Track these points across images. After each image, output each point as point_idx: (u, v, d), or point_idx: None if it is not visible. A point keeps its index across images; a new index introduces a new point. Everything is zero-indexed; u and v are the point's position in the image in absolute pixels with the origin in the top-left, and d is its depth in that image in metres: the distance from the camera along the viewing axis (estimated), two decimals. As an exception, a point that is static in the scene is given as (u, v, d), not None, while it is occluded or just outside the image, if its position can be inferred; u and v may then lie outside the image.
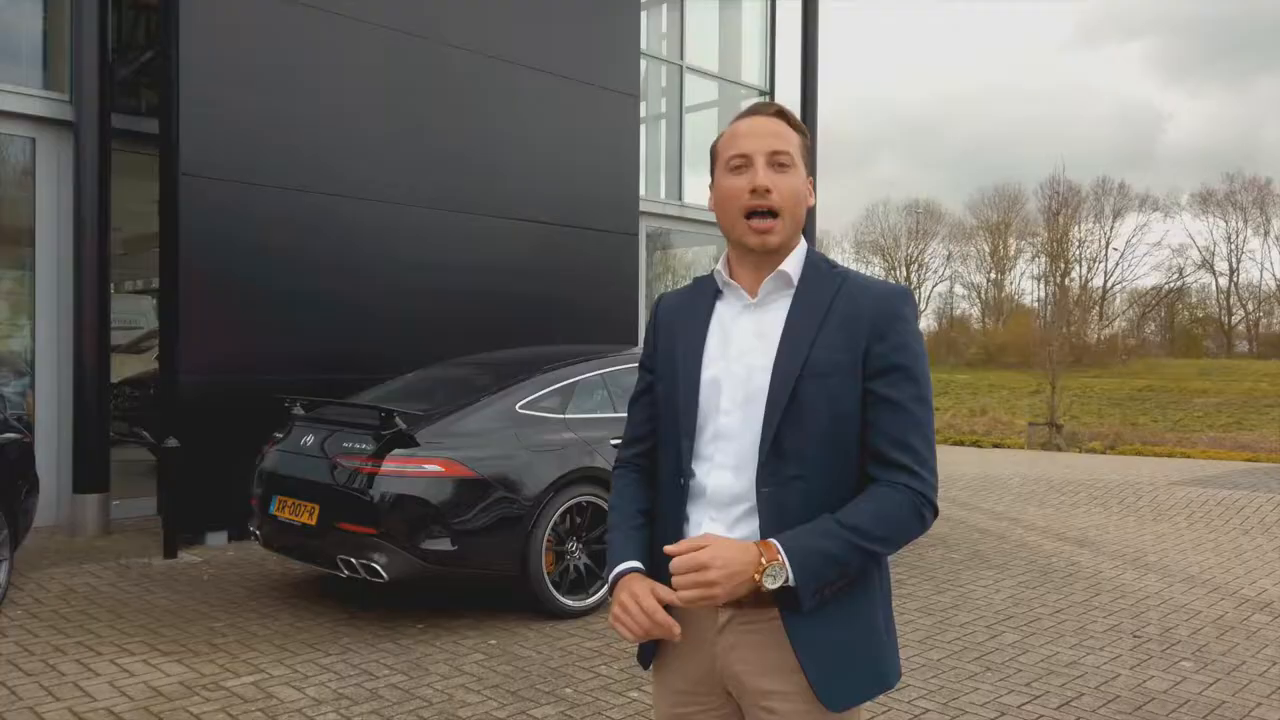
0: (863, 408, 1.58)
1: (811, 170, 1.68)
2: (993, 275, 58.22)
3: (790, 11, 12.51)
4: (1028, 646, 4.79)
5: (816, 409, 1.56)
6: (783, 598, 1.53)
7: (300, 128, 7.23)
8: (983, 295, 58.64)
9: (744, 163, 1.60)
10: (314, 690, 4.06)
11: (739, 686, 1.62)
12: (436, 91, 8.00)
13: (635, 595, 1.56)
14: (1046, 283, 37.62)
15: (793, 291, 1.63)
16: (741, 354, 1.62)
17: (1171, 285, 55.76)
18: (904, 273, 60.22)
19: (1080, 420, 25.84)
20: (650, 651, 1.70)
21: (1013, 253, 56.86)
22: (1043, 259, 38.75)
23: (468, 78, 8.17)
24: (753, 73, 12.90)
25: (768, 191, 1.57)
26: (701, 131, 12.76)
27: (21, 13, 7.46)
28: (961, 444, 18.17)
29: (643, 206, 11.21)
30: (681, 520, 1.64)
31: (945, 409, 30.67)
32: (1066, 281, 50.89)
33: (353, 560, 4.76)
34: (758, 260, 1.64)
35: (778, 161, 1.59)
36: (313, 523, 4.92)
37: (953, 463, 12.93)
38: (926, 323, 59.35)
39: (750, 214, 1.59)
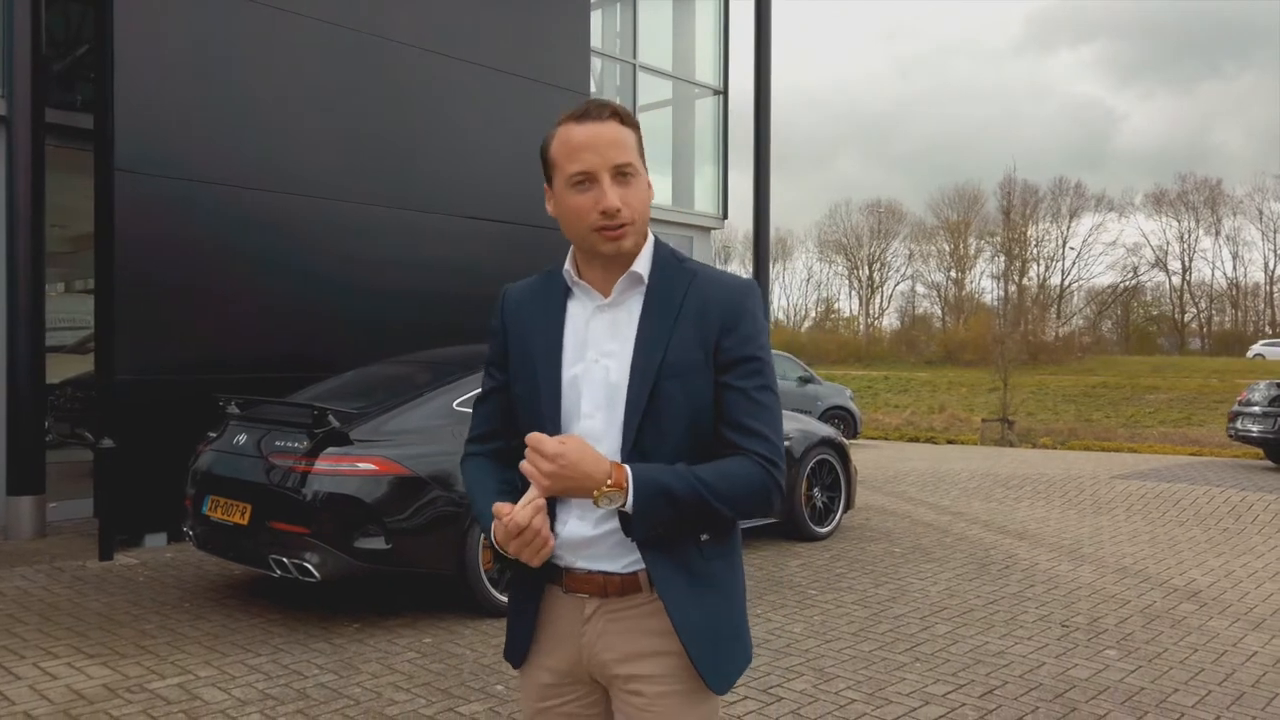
0: (715, 398, 1.61)
1: (644, 157, 1.66)
2: (953, 274, 58.96)
3: (744, 10, 12.59)
4: (958, 637, 4.86)
5: (675, 406, 1.58)
6: (623, 521, 1.56)
7: (240, 123, 7.14)
8: (943, 294, 59.35)
9: (588, 179, 1.56)
10: (240, 691, 4.02)
11: (606, 673, 1.64)
12: (382, 88, 7.95)
13: (502, 534, 1.54)
14: (1006, 281, 38.15)
15: (644, 290, 1.64)
16: (599, 355, 1.62)
17: (1126, 284, 56.85)
18: (866, 271, 60.82)
19: (1036, 417, 26.22)
20: (522, 649, 1.70)
21: (973, 252, 57.63)
22: (1001, 258, 39.31)
23: (414, 74, 8.13)
24: (706, 71, 12.96)
25: (619, 211, 1.56)
26: (655, 130, 12.81)
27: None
28: (917, 440, 18.41)
29: (596, 205, 11.23)
30: (553, 518, 1.63)
31: (905, 406, 31.00)
32: (1024, 280, 51.71)
33: (285, 560, 4.71)
34: (607, 260, 1.63)
35: (622, 174, 1.57)
36: (245, 523, 4.87)
37: (904, 458, 13.09)
38: (889, 321, 59.95)
39: (602, 229, 1.58)
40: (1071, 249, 55.74)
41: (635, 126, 1.63)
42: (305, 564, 4.67)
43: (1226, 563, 6.67)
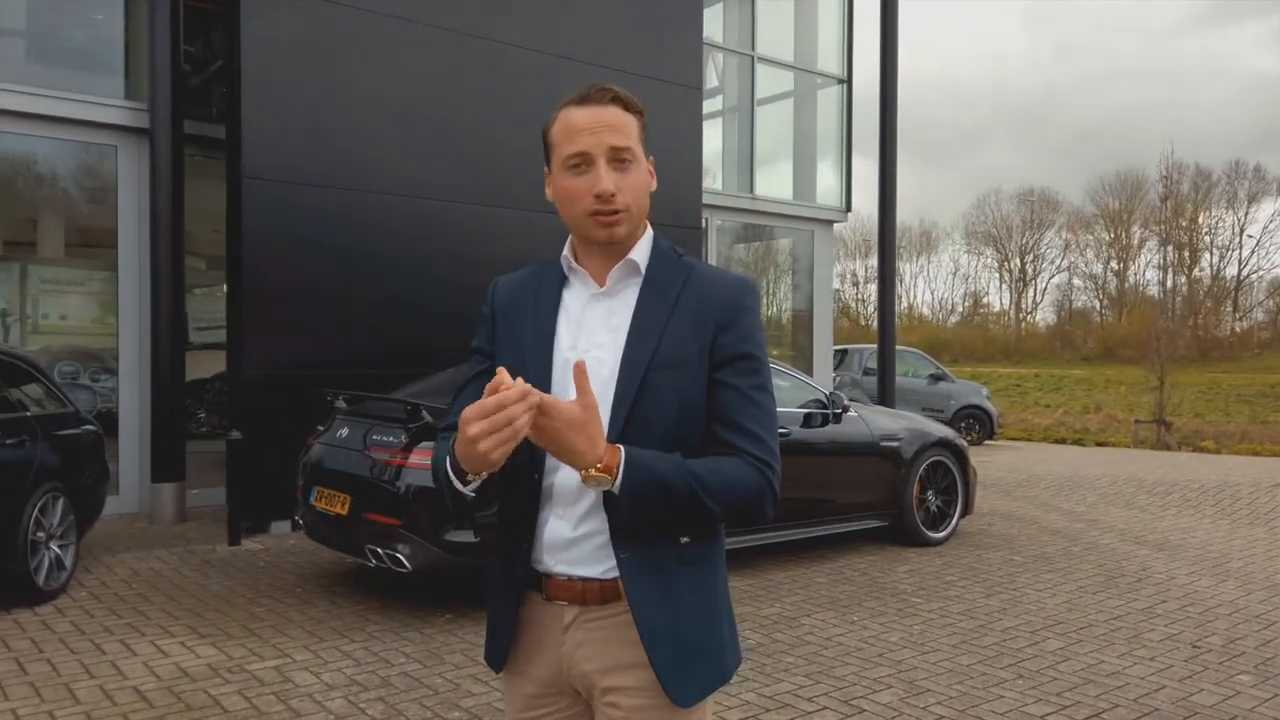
0: (708, 397, 1.55)
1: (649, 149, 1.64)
2: (1114, 266, 55.47)
3: (870, -2, 12.14)
4: (1070, 654, 4.53)
5: (664, 400, 1.53)
6: (606, 501, 1.50)
7: (355, 128, 7.42)
8: (1102, 287, 55.93)
9: (584, 161, 1.53)
10: (329, 676, 4.16)
11: (586, 684, 1.59)
12: (491, 89, 8.09)
13: (477, 408, 1.34)
14: (1173, 273, 35.56)
15: (641, 280, 1.60)
16: (592, 345, 1.58)
17: (1314, 274, 51.97)
18: (1018, 264, 58.02)
19: (1204, 418, 24.35)
20: (501, 654, 1.66)
21: (1136, 241, 54.04)
22: (1168, 248, 36.59)
23: (523, 75, 8.24)
24: (829, 60, 12.62)
25: (613, 196, 1.52)
26: (776, 122, 12.58)
27: (106, 27, 7.91)
28: (1063, 441, 17.42)
29: (715, 200, 11.12)
30: (534, 517, 1.59)
31: (1057, 406, 29.43)
32: (1195, 272, 48.08)
33: (379, 550, 4.86)
34: (604, 249, 1.60)
35: (619, 159, 1.53)
36: (344, 513, 5.05)
37: (1043, 461, 12.40)
38: (1044, 315, 57.00)
39: (595, 213, 1.54)
40: (1250, 237, 51.44)
41: (639, 113, 1.61)
42: (398, 555, 4.80)
43: (1401, 583, 5.97)
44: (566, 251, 1.66)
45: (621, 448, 1.45)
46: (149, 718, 3.68)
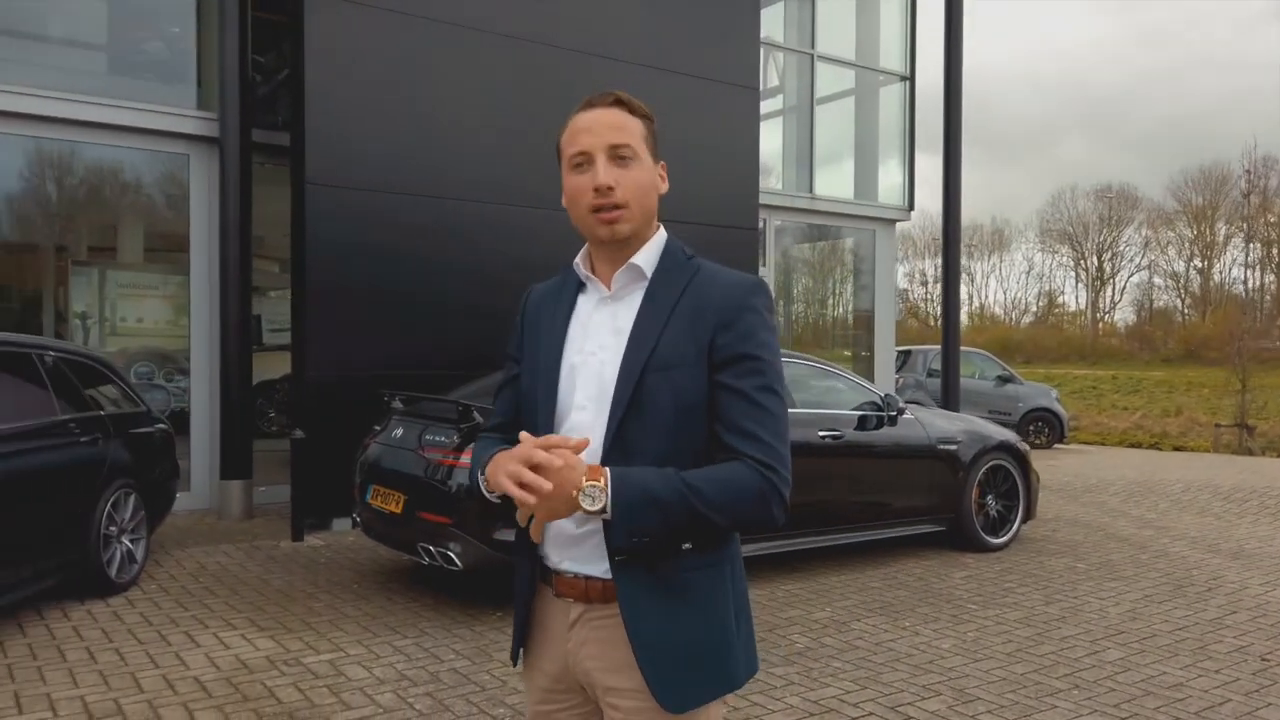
0: (710, 400, 1.55)
1: (658, 155, 1.67)
2: (1197, 264, 53.48)
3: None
4: (1131, 665, 4.40)
5: (660, 402, 1.54)
6: (607, 534, 1.50)
7: (415, 134, 7.56)
8: (1185, 285, 53.96)
9: (584, 160, 1.58)
10: (381, 670, 4.26)
11: (590, 683, 1.61)
12: (549, 94, 8.16)
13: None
14: (1260, 270, 34.13)
15: (646, 284, 1.62)
16: (597, 348, 1.62)
17: None
18: (1095, 262, 56.32)
19: (1293, 422, 23.33)
20: (517, 648, 1.71)
21: (1221, 238, 52.03)
22: (1253, 245, 35.16)
23: (581, 79, 8.29)
24: (892, 57, 12.44)
25: (610, 189, 1.56)
26: (836, 121, 12.45)
27: (180, 40, 8.19)
28: (1139, 446, 16.89)
29: (774, 201, 11.05)
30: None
31: (1136, 408, 28.51)
32: (1284, 269, 45.97)
33: (431, 548, 4.95)
34: (613, 253, 1.63)
35: (618, 155, 1.57)
36: (399, 511, 5.15)
37: (1114, 465, 12.04)
38: (1123, 315, 55.23)
39: (597, 209, 1.58)
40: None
41: (644, 116, 1.64)
42: (449, 553, 4.89)
43: None
44: (579, 259, 1.70)
45: (606, 469, 1.46)
46: (208, 707, 3.81)
